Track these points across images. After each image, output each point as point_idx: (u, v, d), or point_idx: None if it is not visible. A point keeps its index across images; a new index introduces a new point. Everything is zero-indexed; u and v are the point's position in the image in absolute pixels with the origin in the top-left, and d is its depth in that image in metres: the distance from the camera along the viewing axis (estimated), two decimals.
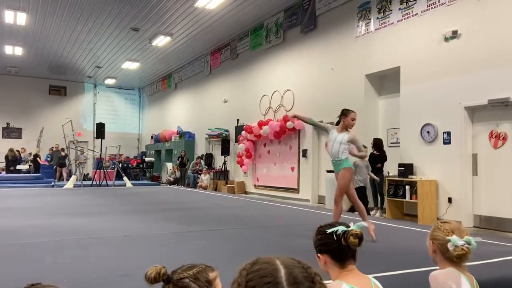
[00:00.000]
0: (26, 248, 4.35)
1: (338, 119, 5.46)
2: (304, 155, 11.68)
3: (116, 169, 16.22)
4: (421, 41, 8.30)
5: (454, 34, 7.64)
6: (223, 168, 15.22)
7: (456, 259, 1.97)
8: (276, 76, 12.96)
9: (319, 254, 1.87)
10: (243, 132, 13.71)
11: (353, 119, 5.28)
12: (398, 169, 8.41)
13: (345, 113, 5.31)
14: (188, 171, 16.60)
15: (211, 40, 15.39)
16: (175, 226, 5.92)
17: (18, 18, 13.16)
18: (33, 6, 12.23)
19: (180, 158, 17.09)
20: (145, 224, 6.17)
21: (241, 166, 14.18)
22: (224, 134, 15.54)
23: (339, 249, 1.80)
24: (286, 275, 0.77)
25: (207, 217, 7.23)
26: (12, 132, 21.51)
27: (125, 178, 15.90)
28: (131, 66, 19.21)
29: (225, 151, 15.03)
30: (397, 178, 8.35)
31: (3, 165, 18.26)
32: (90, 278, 3.27)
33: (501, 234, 6.57)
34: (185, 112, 19.49)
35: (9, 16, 13.01)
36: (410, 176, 8.15)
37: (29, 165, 18.34)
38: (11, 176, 16.45)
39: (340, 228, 1.80)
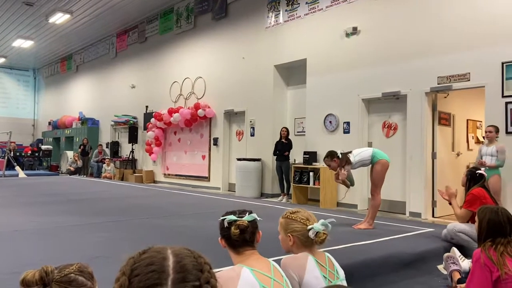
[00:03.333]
0: None
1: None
2: (215, 144, 11.70)
3: (6, 158, 14.75)
4: (325, 35, 8.73)
5: (354, 31, 8.17)
6: (130, 157, 14.64)
7: (320, 243, 2.07)
8: (187, 62, 12.72)
9: (219, 238, 1.95)
10: (153, 120, 13.29)
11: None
12: (303, 157, 8.82)
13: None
14: (91, 160, 15.68)
15: (117, 21, 14.62)
16: (74, 219, 5.55)
17: None
18: None
19: (82, 146, 16.07)
20: (40, 217, 5.68)
21: (150, 155, 13.77)
22: (131, 121, 14.94)
23: (230, 236, 1.88)
24: (174, 263, 0.76)
25: (110, 208, 6.89)
26: None
27: (17, 167, 14.62)
28: (24, 44, 17.63)
29: (133, 139, 14.47)
30: (302, 165, 8.76)
31: None
32: None
33: (392, 215, 7.25)
34: (88, 97, 18.33)
35: None
36: (314, 163, 8.60)
37: None
38: None
39: (229, 217, 1.88)
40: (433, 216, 7.23)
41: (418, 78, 7.22)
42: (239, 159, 10.25)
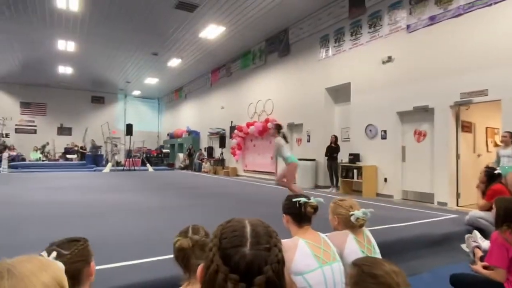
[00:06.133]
0: (76, 217, 4.30)
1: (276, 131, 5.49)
2: None
3: (141, 158, 16.07)
4: (366, 63, 8.38)
5: (389, 59, 7.74)
6: (220, 157, 15.18)
7: (360, 227, 1.99)
8: (259, 88, 12.94)
9: (284, 214, 1.90)
10: (236, 131, 13.67)
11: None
12: (349, 157, 8.51)
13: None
14: (195, 160, 16.52)
15: (212, 61, 15.26)
16: (184, 199, 5.91)
17: (68, 46, 12.86)
18: (80, 37, 11.98)
19: (188, 150, 17.00)
20: (163, 198, 6.13)
21: (234, 156, 14.16)
22: (221, 132, 15.47)
23: (299, 214, 1.82)
24: (250, 230, 0.76)
25: (208, 193, 7.22)
26: (64, 131, 21.14)
27: (148, 164, 15.81)
28: (151, 81, 18.92)
29: (222, 145, 14.99)
30: (348, 164, 8.45)
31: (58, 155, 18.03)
32: (128, 234, 3.26)
33: (422, 204, 6.72)
34: (192, 116, 19.33)
35: (61, 45, 12.69)
36: (357, 162, 8.26)
37: (77, 155, 18.09)
38: (65, 163, 16.27)
39: (302, 199, 1.84)
40: (457, 205, 6.56)
41: (443, 94, 6.63)
42: (299, 159, 10.14)
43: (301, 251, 1.67)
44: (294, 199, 1.85)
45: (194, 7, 9.66)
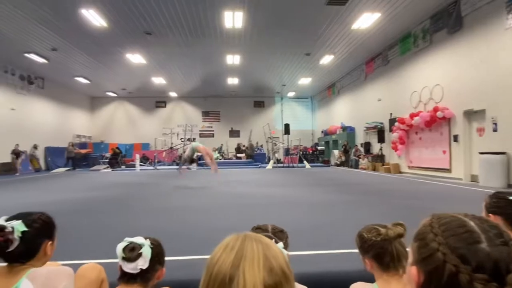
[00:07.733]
0: (261, 206, 5.27)
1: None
2: (455, 140, 10.21)
3: (298, 155, 17.25)
4: None
5: None
6: (379, 153, 14.54)
7: None
8: (424, 74, 11.66)
9: (490, 214, 1.63)
10: (396, 123, 12.80)
11: None
12: None
13: None
14: (351, 156, 16.43)
15: (365, 52, 14.82)
16: (341, 196, 6.10)
17: (234, 60, 15.41)
18: (243, 49, 14.16)
19: (344, 146, 17.06)
20: (327, 193, 6.52)
21: (395, 151, 13.28)
22: (379, 126, 14.81)
23: None
24: (476, 225, 0.67)
25: (367, 190, 7.18)
26: (234, 133, 25.34)
27: (305, 161, 16.82)
28: (305, 81, 19.82)
29: (381, 139, 14.32)
30: None
31: (232, 154, 21.99)
32: (295, 221, 3.82)
33: None
34: (346, 111, 19.25)
35: (229, 59, 15.36)
36: None
37: (245, 154, 21.30)
38: (236, 160, 19.53)
39: None
40: None
41: None
42: (482, 153, 8.61)
43: None
44: (511, 197, 1.58)
45: None
